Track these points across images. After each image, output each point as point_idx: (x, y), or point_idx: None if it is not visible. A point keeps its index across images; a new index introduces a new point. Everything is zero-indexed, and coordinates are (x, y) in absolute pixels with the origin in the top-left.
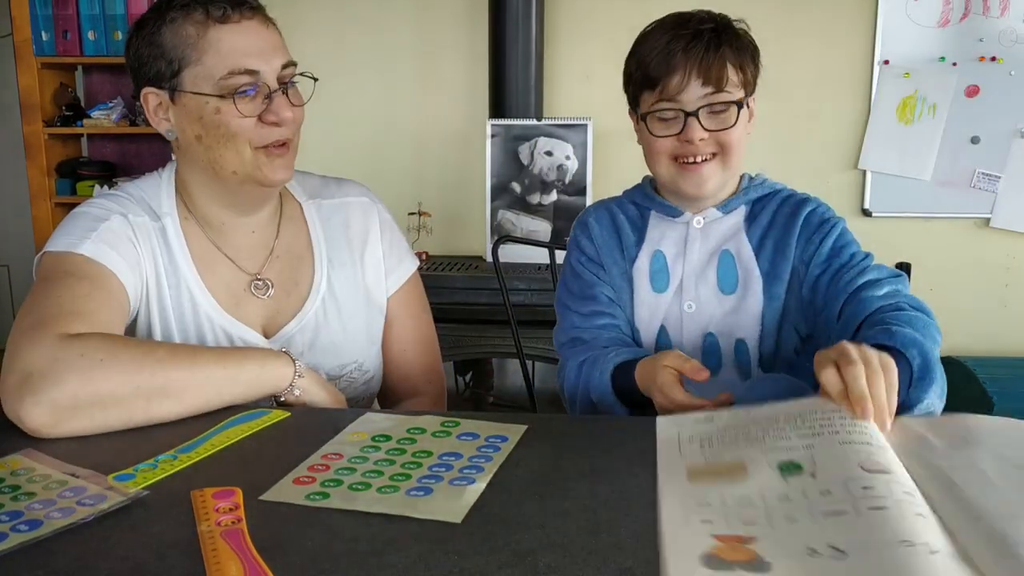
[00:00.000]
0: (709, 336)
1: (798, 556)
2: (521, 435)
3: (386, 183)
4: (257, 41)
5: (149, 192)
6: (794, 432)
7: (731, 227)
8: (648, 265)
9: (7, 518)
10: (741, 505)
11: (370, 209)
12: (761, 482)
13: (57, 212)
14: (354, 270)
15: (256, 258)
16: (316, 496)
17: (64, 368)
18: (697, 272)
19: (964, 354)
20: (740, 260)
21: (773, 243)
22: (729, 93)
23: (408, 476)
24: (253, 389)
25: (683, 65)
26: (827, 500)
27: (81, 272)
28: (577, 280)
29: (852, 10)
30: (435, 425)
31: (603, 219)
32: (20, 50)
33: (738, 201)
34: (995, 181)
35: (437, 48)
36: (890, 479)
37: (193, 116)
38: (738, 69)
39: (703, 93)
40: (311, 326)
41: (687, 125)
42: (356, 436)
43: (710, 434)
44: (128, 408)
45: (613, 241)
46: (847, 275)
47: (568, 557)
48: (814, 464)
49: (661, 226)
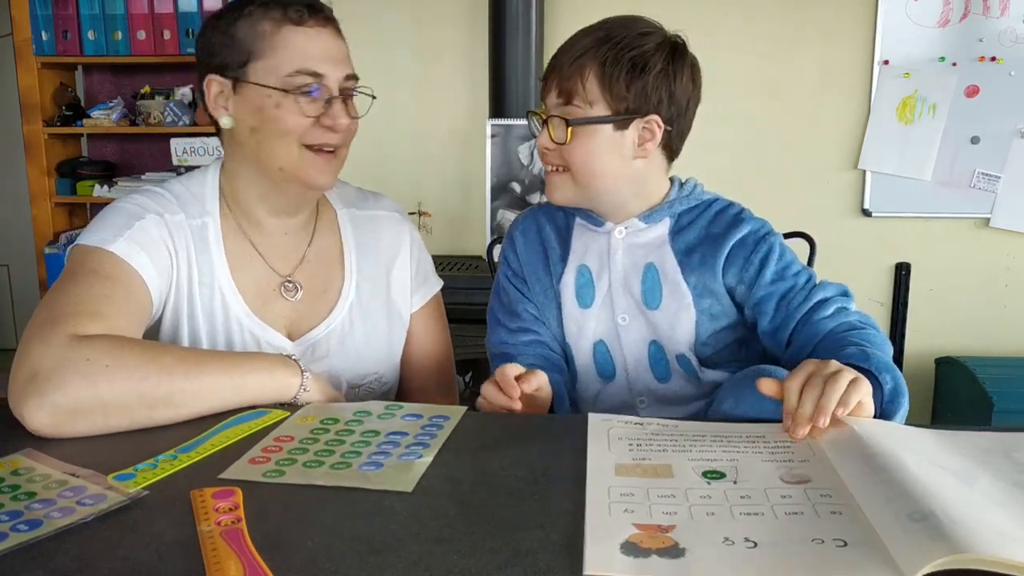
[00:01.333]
0: (653, 345)
1: (713, 545)
2: (461, 415)
3: (386, 183)
4: (327, 48)
5: (194, 190)
6: (719, 448)
7: (655, 239)
8: (574, 280)
9: (7, 518)
10: (664, 499)
11: (401, 225)
12: (685, 483)
13: (57, 212)
14: (381, 283)
15: (288, 260)
16: (272, 473)
17: (69, 372)
18: (622, 285)
19: (964, 354)
20: (665, 274)
21: (701, 257)
22: (577, 108)
23: (359, 453)
24: (257, 399)
25: (550, 71)
26: (746, 502)
27: (106, 271)
28: (504, 294)
29: (852, 10)
30: (380, 409)
31: (529, 232)
32: (20, 50)
33: (662, 213)
34: (995, 181)
35: (437, 48)
36: (808, 487)
37: (252, 107)
38: (601, 87)
39: (556, 103)
40: (336, 333)
41: (541, 130)
42: (305, 420)
43: (639, 437)
44: (131, 415)
45: (537, 257)
46: (795, 299)
47: (568, 557)
48: (736, 473)
49: (584, 237)
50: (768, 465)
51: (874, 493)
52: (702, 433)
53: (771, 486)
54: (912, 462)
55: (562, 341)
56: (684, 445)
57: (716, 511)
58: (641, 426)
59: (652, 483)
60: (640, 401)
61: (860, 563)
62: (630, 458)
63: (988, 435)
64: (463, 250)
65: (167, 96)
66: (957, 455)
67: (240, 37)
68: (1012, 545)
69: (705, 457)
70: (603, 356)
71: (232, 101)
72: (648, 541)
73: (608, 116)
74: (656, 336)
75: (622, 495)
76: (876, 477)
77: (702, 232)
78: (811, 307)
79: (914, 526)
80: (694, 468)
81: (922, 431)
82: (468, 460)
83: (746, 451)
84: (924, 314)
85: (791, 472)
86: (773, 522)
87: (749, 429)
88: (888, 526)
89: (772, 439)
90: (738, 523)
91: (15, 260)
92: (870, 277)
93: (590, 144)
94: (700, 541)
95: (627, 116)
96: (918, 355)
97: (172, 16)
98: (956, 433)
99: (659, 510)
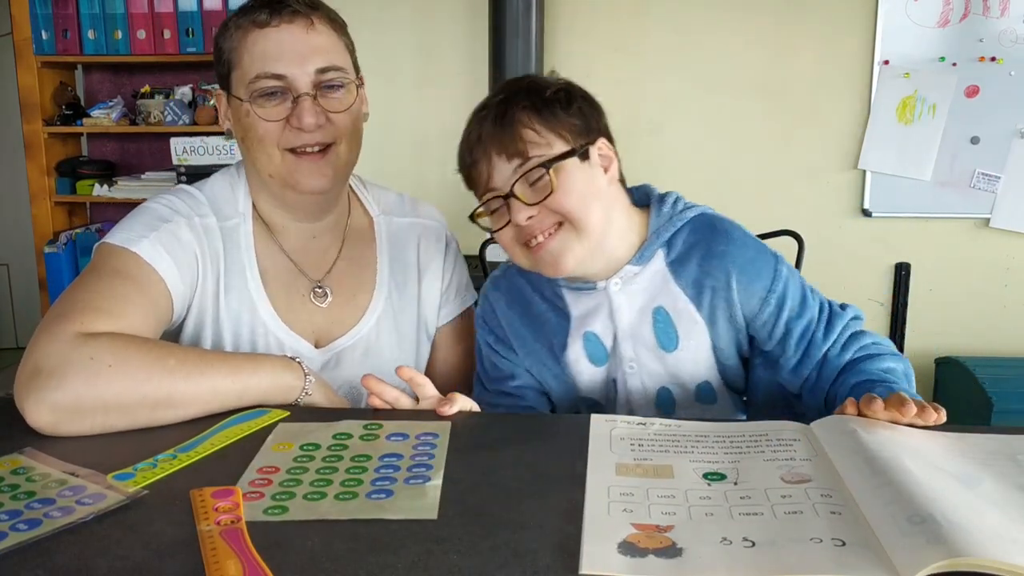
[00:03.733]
0: (663, 391)
1: (711, 544)
2: (449, 430)
3: (386, 183)
4: (292, 45)
5: (223, 192)
6: (721, 449)
7: (655, 277)
8: (582, 348)
9: (6, 517)
10: (663, 499)
11: (439, 237)
12: (685, 484)
13: (57, 211)
14: (412, 294)
15: (319, 265)
16: (274, 511)
17: (71, 371)
18: (631, 336)
19: (964, 354)
20: (677, 314)
21: (711, 292)
22: (539, 155)
23: (360, 481)
24: (260, 401)
25: (482, 153)
26: (746, 503)
27: (128, 272)
28: (486, 359)
29: (852, 10)
30: (359, 429)
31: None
32: (20, 49)
33: (652, 247)
34: (995, 181)
35: (437, 48)
36: (808, 486)
37: (236, 118)
38: (544, 126)
39: (512, 169)
40: (363, 344)
41: (511, 210)
42: (282, 447)
43: (641, 437)
44: (132, 415)
45: (527, 328)
46: (816, 335)
47: (567, 557)
48: (737, 475)
49: (580, 302)
50: (770, 464)
51: (874, 495)
52: (704, 434)
53: (771, 486)
54: (913, 464)
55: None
56: (686, 446)
57: (715, 512)
58: (644, 426)
59: (652, 483)
60: None
61: (858, 564)
62: (631, 458)
63: (993, 437)
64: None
65: (167, 95)
66: (960, 457)
67: (224, 49)
68: (1010, 548)
69: (707, 459)
70: (608, 395)
71: (229, 113)
72: (646, 541)
73: (571, 149)
74: (671, 380)
75: (622, 495)
76: (877, 479)
77: (701, 263)
78: (831, 344)
79: (913, 529)
80: (695, 469)
81: (925, 432)
82: (468, 460)
83: (748, 451)
84: (924, 314)
85: (792, 471)
86: (772, 522)
87: (752, 428)
88: (887, 528)
89: (775, 437)
90: (737, 523)
91: (15, 259)
92: (870, 277)
93: (575, 182)
94: (698, 541)
95: (584, 144)
96: (918, 355)
97: (172, 15)
98: (960, 435)
99: (658, 510)
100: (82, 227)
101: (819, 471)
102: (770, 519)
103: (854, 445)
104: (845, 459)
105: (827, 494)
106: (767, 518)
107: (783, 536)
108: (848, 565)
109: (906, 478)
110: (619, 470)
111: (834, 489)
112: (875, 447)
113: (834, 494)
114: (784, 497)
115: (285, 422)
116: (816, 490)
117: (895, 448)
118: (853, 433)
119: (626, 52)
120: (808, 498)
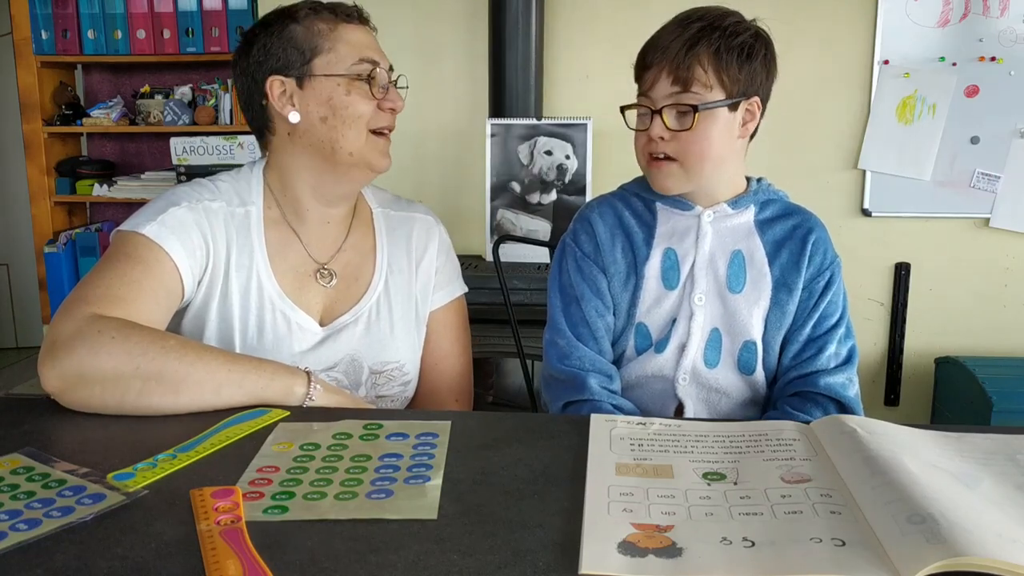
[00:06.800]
0: (715, 332)
1: (711, 544)
2: (449, 428)
3: (386, 183)
4: (374, 42)
5: (239, 184)
6: (721, 449)
7: (742, 226)
8: (659, 263)
9: (6, 517)
10: (663, 499)
11: (433, 228)
12: (685, 484)
13: (56, 211)
14: (408, 278)
15: (326, 249)
16: (274, 510)
17: (79, 341)
18: (706, 267)
19: (963, 354)
20: (752, 262)
21: (789, 254)
22: (696, 95)
23: (359, 481)
24: (256, 398)
25: (657, 62)
26: (746, 503)
27: (137, 254)
28: (570, 277)
29: (852, 10)
30: (358, 429)
31: (607, 216)
32: (20, 49)
33: (747, 200)
34: (995, 181)
35: (437, 48)
36: (808, 486)
37: (322, 98)
38: (717, 71)
39: (670, 92)
40: (363, 320)
41: (652, 122)
42: (281, 447)
43: (641, 437)
44: (123, 388)
45: (619, 240)
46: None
47: (567, 556)
48: (737, 475)
49: (671, 221)
50: (769, 464)
51: (874, 494)
52: (704, 434)
53: (771, 486)
54: (913, 464)
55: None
56: (686, 446)
57: (715, 511)
58: (643, 426)
59: (652, 483)
60: (683, 378)
61: (858, 563)
62: (631, 458)
63: (992, 437)
64: (463, 249)
65: (167, 95)
66: (959, 457)
67: (300, 38)
68: (1010, 548)
69: (707, 459)
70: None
71: (298, 96)
72: (645, 541)
73: (725, 99)
74: (725, 322)
75: (621, 494)
76: (876, 479)
77: (790, 232)
78: (827, 370)
79: (912, 528)
80: (695, 469)
81: (925, 432)
82: (468, 460)
83: (748, 451)
84: (924, 314)
85: (792, 471)
86: (772, 522)
87: (752, 428)
88: (887, 528)
89: (775, 437)
90: (737, 523)
91: (15, 259)
92: (870, 277)
93: (711, 128)
94: (697, 541)
95: (738, 99)
96: (918, 355)
97: (172, 15)
98: (960, 435)
99: (658, 510)
100: (82, 227)
101: (819, 471)
102: (770, 519)
103: (854, 445)
104: (845, 459)
105: (827, 494)
106: (767, 518)
107: (783, 536)
108: (848, 565)
109: (906, 478)
110: (619, 470)
111: (834, 489)
112: (875, 447)
113: (834, 494)
114: (784, 497)
115: (285, 422)
116: (816, 490)
117: (895, 448)
118: (853, 433)
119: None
120: (808, 498)
